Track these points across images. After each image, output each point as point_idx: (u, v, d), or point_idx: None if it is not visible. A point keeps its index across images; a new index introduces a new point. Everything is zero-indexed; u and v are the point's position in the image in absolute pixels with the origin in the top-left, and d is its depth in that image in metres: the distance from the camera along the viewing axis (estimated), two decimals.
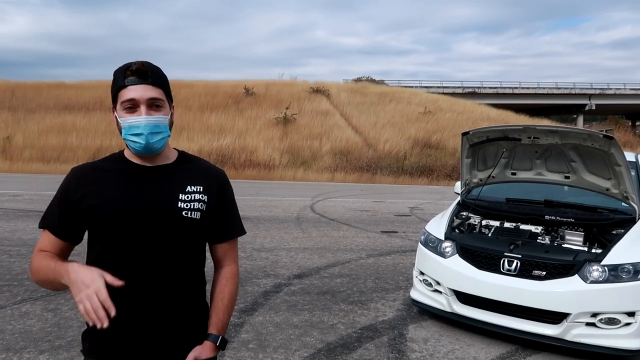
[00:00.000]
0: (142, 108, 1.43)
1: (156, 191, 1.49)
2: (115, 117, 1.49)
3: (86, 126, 24.66)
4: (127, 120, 1.43)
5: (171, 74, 1.58)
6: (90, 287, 1.26)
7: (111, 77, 1.51)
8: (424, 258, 4.43)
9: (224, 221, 1.62)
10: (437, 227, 4.59)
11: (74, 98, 29.60)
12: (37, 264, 1.46)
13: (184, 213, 1.49)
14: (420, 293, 4.42)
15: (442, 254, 4.26)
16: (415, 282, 4.52)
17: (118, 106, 1.46)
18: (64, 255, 1.53)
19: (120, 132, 1.50)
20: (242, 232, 1.68)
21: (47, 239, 1.51)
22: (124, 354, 1.48)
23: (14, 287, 4.85)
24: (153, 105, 1.44)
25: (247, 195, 13.26)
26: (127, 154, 1.54)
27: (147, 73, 1.44)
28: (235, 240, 1.68)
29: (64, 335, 3.72)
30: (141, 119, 1.42)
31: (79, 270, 1.31)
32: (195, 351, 1.50)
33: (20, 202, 10.95)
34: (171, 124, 1.55)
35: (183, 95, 29.34)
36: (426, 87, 47.86)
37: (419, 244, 4.60)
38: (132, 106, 1.43)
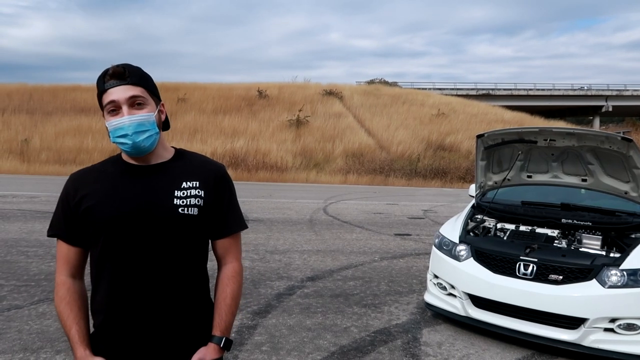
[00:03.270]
0: (124, 108, 1.43)
1: (151, 189, 1.49)
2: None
3: (102, 128, 24.87)
4: (112, 122, 1.44)
5: (186, 77, 1.60)
6: None
7: None
8: (438, 261, 4.39)
9: (223, 216, 1.59)
10: (452, 230, 4.55)
11: (89, 101, 29.98)
12: (58, 305, 1.50)
13: (180, 210, 1.48)
14: (434, 296, 4.39)
15: (457, 258, 4.22)
16: (430, 285, 4.49)
17: (104, 111, 1.48)
18: (81, 263, 1.55)
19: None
20: (243, 226, 1.65)
21: (62, 250, 1.53)
22: (129, 355, 1.48)
23: (31, 288, 4.92)
24: (134, 104, 1.45)
25: (260, 198, 13.30)
26: (124, 155, 1.55)
27: (124, 74, 1.45)
28: (238, 235, 1.65)
29: None
30: (124, 120, 1.43)
31: None
32: (199, 353, 1.50)
33: (38, 203, 11.11)
34: (162, 122, 1.55)
35: (197, 98, 29.58)
36: (440, 88, 47.65)
37: (433, 247, 4.56)
38: (115, 108, 1.44)
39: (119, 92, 1.44)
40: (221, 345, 1.53)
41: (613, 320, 3.49)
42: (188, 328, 1.53)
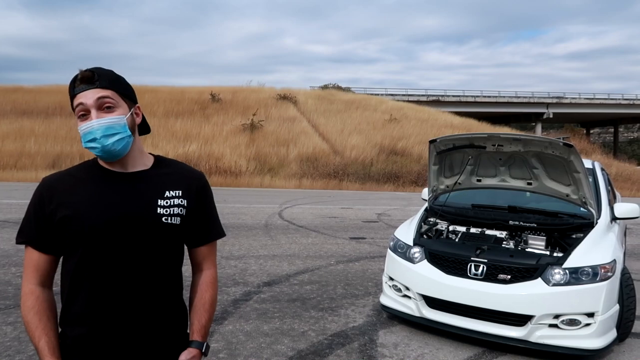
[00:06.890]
0: (93, 112, 1.41)
1: (134, 198, 1.47)
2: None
3: (45, 132, 23.84)
4: (82, 127, 1.42)
5: (139, 80, 1.59)
6: None
7: None
8: (393, 264, 4.49)
9: (204, 224, 1.61)
10: (406, 233, 4.66)
11: (32, 103, 28.61)
12: (26, 314, 1.44)
13: (163, 219, 1.48)
14: (389, 298, 4.47)
15: (411, 260, 4.32)
16: (385, 287, 4.57)
17: (76, 117, 1.45)
18: (51, 272, 1.49)
19: None
20: (222, 234, 1.67)
21: (31, 257, 1.47)
22: None
23: None
24: (103, 107, 1.42)
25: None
26: (101, 160, 1.52)
27: (93, 78, 1.43)
28: (215, 243, 1.67)
29: (24, 350, 3.58)
30: (93, 123, 1.41)
31: None
32: (183, 358, 1.50)
33: None
34: (136, 125, 1.52)
35: (147, 100, 28.80)
36: (392, 94, 48.58)
37: (388, 249, 4.65)
38: (84, 112, 1.42)
39: (87, 96, 1.41)
40: (202, 350, 1.54)
41: (557, 317, 3.68)
42: (166, 333, 1.52)
